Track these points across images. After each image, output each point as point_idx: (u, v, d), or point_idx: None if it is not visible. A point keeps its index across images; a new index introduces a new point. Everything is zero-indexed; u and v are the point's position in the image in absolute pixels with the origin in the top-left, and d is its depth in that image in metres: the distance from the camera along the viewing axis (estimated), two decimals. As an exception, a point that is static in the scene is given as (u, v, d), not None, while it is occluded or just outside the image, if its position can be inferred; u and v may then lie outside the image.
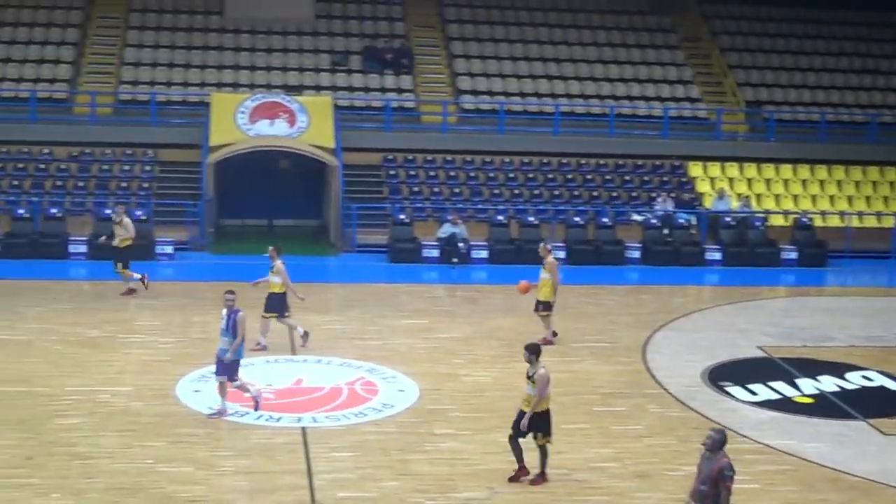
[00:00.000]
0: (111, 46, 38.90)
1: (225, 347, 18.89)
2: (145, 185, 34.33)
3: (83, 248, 30.88)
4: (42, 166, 34.60)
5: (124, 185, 34.27)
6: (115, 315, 25.24)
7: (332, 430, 18.79)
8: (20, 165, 34.57)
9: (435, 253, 31.96)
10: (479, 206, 34.73)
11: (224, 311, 18.96)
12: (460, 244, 31.66)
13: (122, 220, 27.27)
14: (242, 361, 21.20)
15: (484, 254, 32.40)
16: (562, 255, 32.62)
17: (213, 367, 21.00)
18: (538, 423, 16.50)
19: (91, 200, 33.27)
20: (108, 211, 31.87)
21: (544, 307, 24.06)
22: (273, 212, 36.26)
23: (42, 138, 35.07)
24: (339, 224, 33.44)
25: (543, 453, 16.70)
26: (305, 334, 23.31)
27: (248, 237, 34.64)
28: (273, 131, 34.06)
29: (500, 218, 33.56)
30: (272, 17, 40.09)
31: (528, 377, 16.50)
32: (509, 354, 23.12)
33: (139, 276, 27.01)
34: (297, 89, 37.24)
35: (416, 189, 35.34)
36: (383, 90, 38.37)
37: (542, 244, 24.95)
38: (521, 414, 16.51)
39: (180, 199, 33.02)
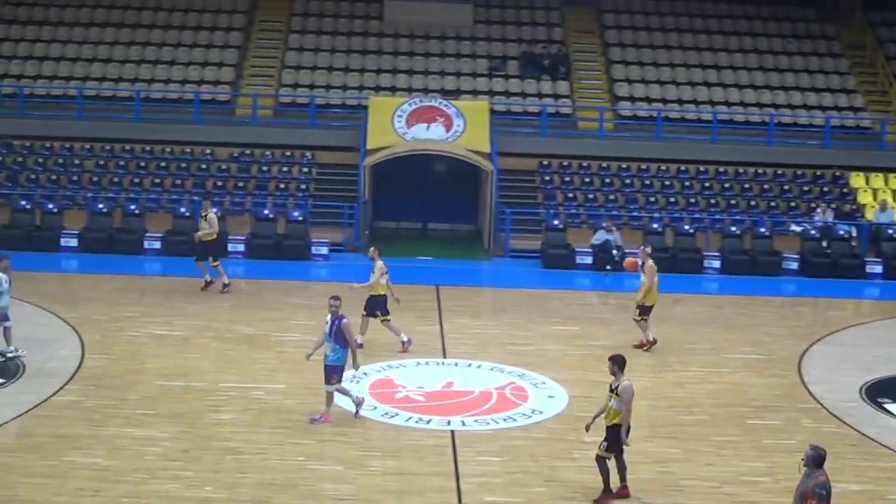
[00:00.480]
0: (273, 50, 39.62)
1: (329, 353, 18.96)
2: (303, 186, 34.87)
3: (241, 247, 31.48)
4: (203, 166, 35.42)
5: (282, 186, 34.85)
6: (271, 313, 25.65)
7: (481, 434, 18.80)
8: (183, 165, 35.46)
9: (588, 259, 31.77)
10: (634, 214, 34.43)
11: (328, 317, 19.02)
12: (614, 251, 31.41)
13: (208, 216, 27.60)
14: (393, 362, 21.42)
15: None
16: (717, 264, 32.15)
17: (365, 368, 21.30)
18: (615, 440, 16.03)
19: (250, 200, 33.91)
20: (266, 211, 32.47)
21: (641, 311, 23.90)
22: (427, 215, 36.50)
23: (204, 139, 35.90)
24: (492, 229, 33.47)
25: (603, 467, 16.14)
26: (408, 341, 23.25)
27: (402, 240, 34.92)
28: (429, 135, 34.27)
29: (655, 226, 33.20)
30: (431, 21, 40.39)
31: (612, 389, 16.05)
32: (660, 364, 22.88)
33: (209, 278, 27.42)
34: (454, 94, 37.42)
35: (570, 195, 35.19)
36: (540, 95, 38.32)
37: (641, 247, 24.94)
38: (609, 430, 16.05)
39: (336, 201, 33.44)
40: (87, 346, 22.68)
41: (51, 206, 32.34)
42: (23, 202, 32.33)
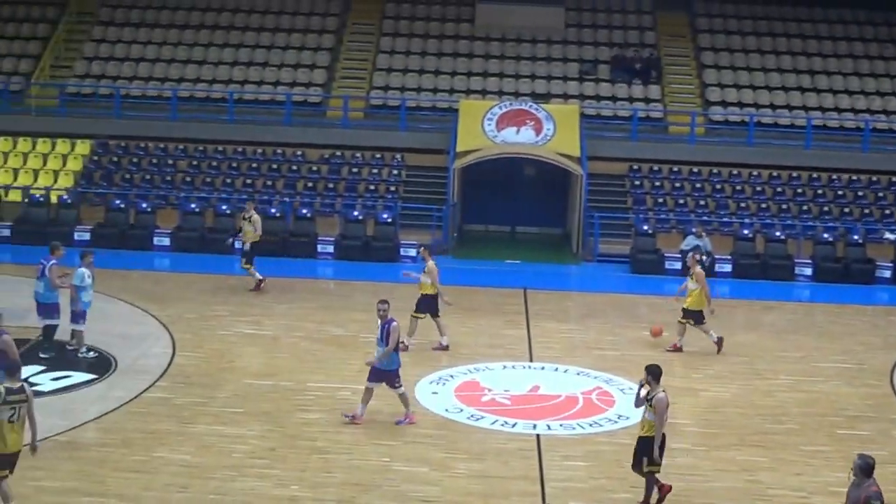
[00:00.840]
0: (365, 53, 39.85)
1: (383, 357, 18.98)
2: (392, 188, 35.03)
3: (331, 248, 31.69)
4: (294, 167, 35.73)
5: (372, 187, 35.03)
6: (360, 314, 25.74)
7: (567, 439, 18.75)
8: (274, 166, 35.79)
9: (678, 265, 31.49)
10: (725, 220, 34.09)
11: (378, 321, 19.01)
12: (704, 257, 31.10)
13: (252, 217, 27.70)
14: (479, 365, 21.44)
15: (728, 268, 31.73)
16: (808, 271, 31.72)
17: (452, 370, 21.35)
18: (648, 448, 15.78)
19: (340, 202, 34.14)
20: (355, 213, 32.66)
21: (687, 315, 23.88)
22: (516, 218, 36.46)
23: (296, 140, 36.21)
24: (581, 233, 33.36)
25: (650, 483, 15.91)
26: (446, 347, 23.29)
27: (491, 243, 34.92)
28: (519, 139, 34.24)
29: (746, 232, 32.84)
30: (522, 25, 40.35)
31: (647, 400, 15.80)
32: (750, 371, 22.66)
33: (259, 276, 27.55)
34: (544, 97, 37.36)
35: (660, 200, 34.93)
36: (631, 100, 38.10)
37: (690, 254, 24.91)
38: (641, 442, 15.85)
39: (425, 203, 33.54)
40: (178, 343, 23.00)
41: (144, 205, 32.83)
42: (117, 201, 32.85)
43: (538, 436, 18.71)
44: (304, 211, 32.66)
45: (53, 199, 33.26)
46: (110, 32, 40.16)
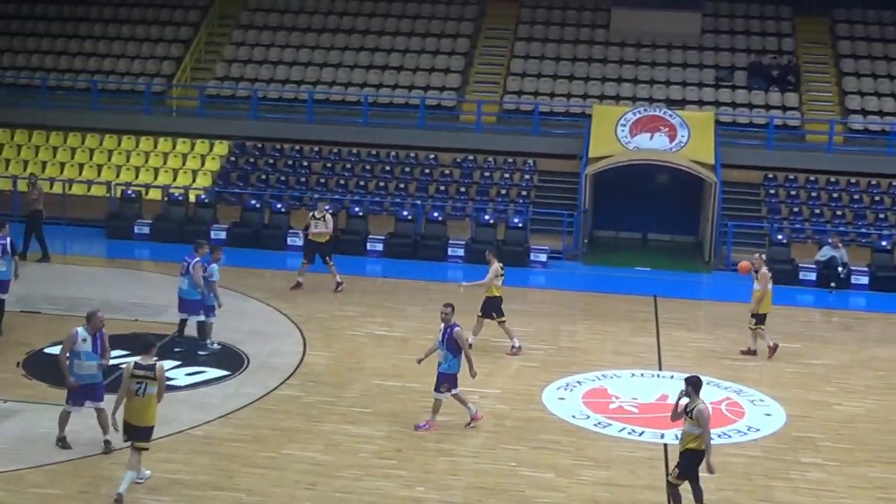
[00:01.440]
0: (499, 57, 39.93)
1: (441, 361, 18.87)
2: (523, 193, 35.03)
3: (461, 252, 31.81)
4: (426, 171, 35.97)
5: (503, 192, 35.09)
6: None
7: (695, 449, 18.53)
8: (406, 169, 36.06)
9: (812, 276, 30.93)
10: (862, 230, 33.38)
11: (441, 325, 18.96)
12: (840, 268, 30.52)
13: (325, 216, 27.77)
14: (607, 372, 21.35)
15: (864, 280, 31.01)
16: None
17: (579, 377, 21.30)
18: (688, 466, 15.36)
19: (471, 206, 34.26)
20: (486, 217, 32.73)
21: (757, 320, 23.56)
22: (647, 225, 36.17)
23: (428, 144, 36.42)
24: (714, 241, 32.95)
25: (674, 494, 15.54)
26: (519, 347, 23.25)
27: (622, 249, 34.71)
28: (652, 145, 33.96)
29: (884, 243, 32.10)
30: (658, 30, 40.04)
31: (687, 413, 15.36)
32: (886, 386, 22.15)
33: (339, 278, 27.61)
34: (679, 104, 37.01)
35: (795, 209, 34.36)
36: (767, 107, 37.54)
37: (756, 255, 24.47)
38: (685, 455, 15.39)
39: (557, 209, 33.47)
40: (309, 342, 23.30)
41: (279, 205, 33.32)
42: (253, 201, 33.41)
43: (665, 445, 18.53)
44: (436, 214, 32.82)
45: (192, 197, 33.97)
46: (250, 36, 40.89)
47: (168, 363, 21.17)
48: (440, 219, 32.75)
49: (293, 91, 38.42)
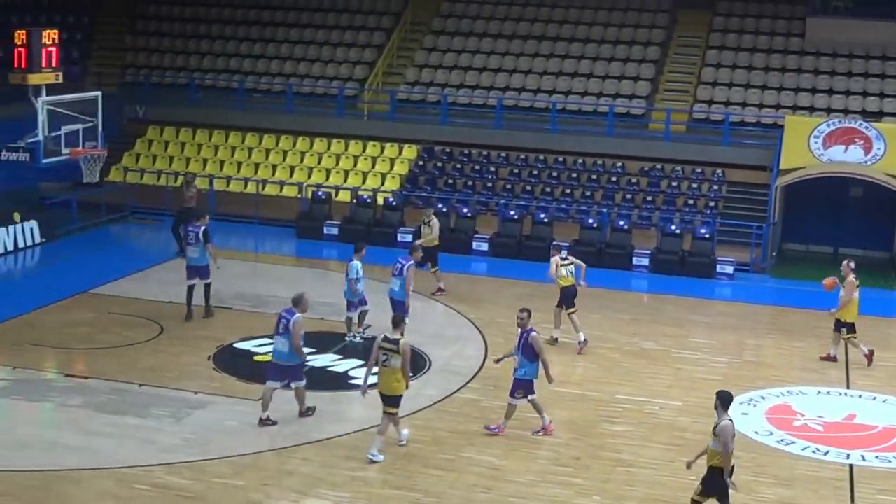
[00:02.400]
0: (690, 66, 39.47)
1: (517, 366, 18.70)
2: (711, 203, 34.54)
3: (646, 261, 31.55)
4: (613, 179, 35.78)
5: (691, 202, 34.66)
6: (672, 329, 25.59)
7: (882, 472, 18.04)
8: (593, 177, 35.94)
9: None
10: None
11: (518, 330, 18.77)
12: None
13: (431, 221, 27.71)
14: (793, 389, 20.95)
15: None
16: None
17: (764, 392, 20.95)
18: (713, 483, 14.88)
19: (657, 215, 33.95)
20: (672, 227, 32.40)
21: (848, 329, 23.30)
22: (839, 239, 35.20)
23: (616, 152, 36.25)
24: (908, 257, 31.95)
25: None
26: (584, 342, 23.67)
27: (811, 263, 33.88)
28: (846, 157, 33.08)
29: None
30: (855, 40, 38.95)
31: (714, 429, 14.90)
32: None
33: (441, 286, 27.58)
34: (875, 115, 35.96)
35: None
36: (970, 120, 36.24)
37: (844, 262, 23.97)
38: (709, 472, 14.95)
39: (745, 220, 32.91)
40: (490, 347, 23.45)
41: (465, 210, 33.58)
42: (440, 205, 33.75)
43: (851, 466, 18.09)
44: (621, 223, 32.62)
45: (380, 200, 34.50)
46: (441, 41, 41.33)
47: (353, 362, 21.62)
48: (625, 227, 32.53)
49: (482, 97, 38.68)
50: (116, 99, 38.36)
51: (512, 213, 33.24)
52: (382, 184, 36.28)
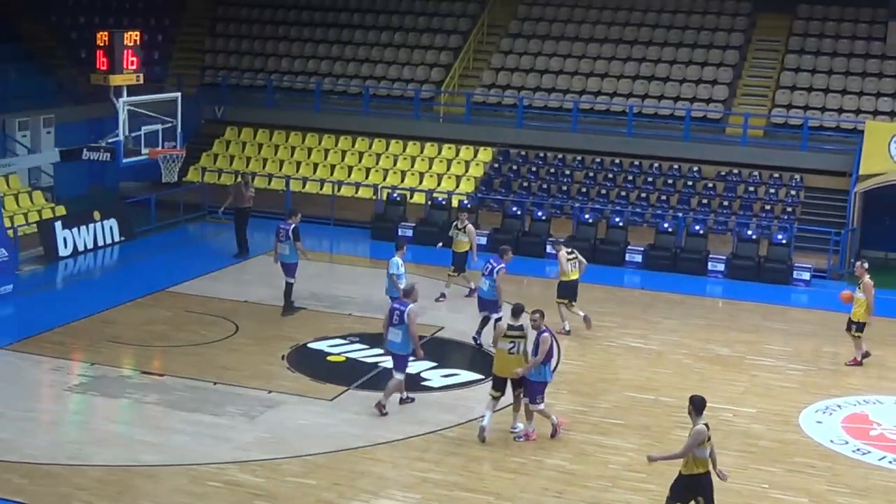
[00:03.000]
0: (769, 70, 39.08)
1: (532, 369, 18.51)
2: (788, 209, 34.18)
3: (721, 267, 31.28)
4: (689, 184, 35.54)
5: (768, 207, 34.33)
6: (747, 335, 25.36)
7: (960, 483, 17.76)
8: (669, 181, 35.72)
9: None
10: None
11: (532, 332, 18.63)
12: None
13: (467, 228, 27.53)
14: (870, 398, 20.70)
15: None
16: None
17: (840, 400, 20.74)
18: (682, 489, 14.73)
19: (734, 220, 33.67)
20: (749, 232, 32.11)
21: (857, 328, 23.28)
22: (920, 247, 34.69)
23: (693, 156, 35.99)
24: None
25: None
26: (586, 319, 24.73)
27: (891, 270, 33.40)
28: (928, 164, 32.60)
29: None
30: (940, 44, 38.39)
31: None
32: None
33: (472, 286, 27.21)
34: (960, 120, 35.43)
35: None
36: None
37: (857, 263, 24.24)
38: (677, 478, 14.87)
39: (823, 226, 32.53)
40: (564, 351, 23.39)
41: (540, 213, 33.52)
42: (514, 208, 33.71)
43: (928, 477, 17.83)
44: (697, 228, 32.37)
45: (454, 202, 34.53)
46: (518, 44, 41.29)
47: (425, 364, 21.68)
48: (701, 232, 32.27)
49: (558, 100, 38.60)
50: (196, 100, 38.82)
51: (587, 216, 33.13)
52: (457, 186, 36.34)
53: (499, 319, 21.28)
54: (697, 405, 14.78)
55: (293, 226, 24.90)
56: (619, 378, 22.00)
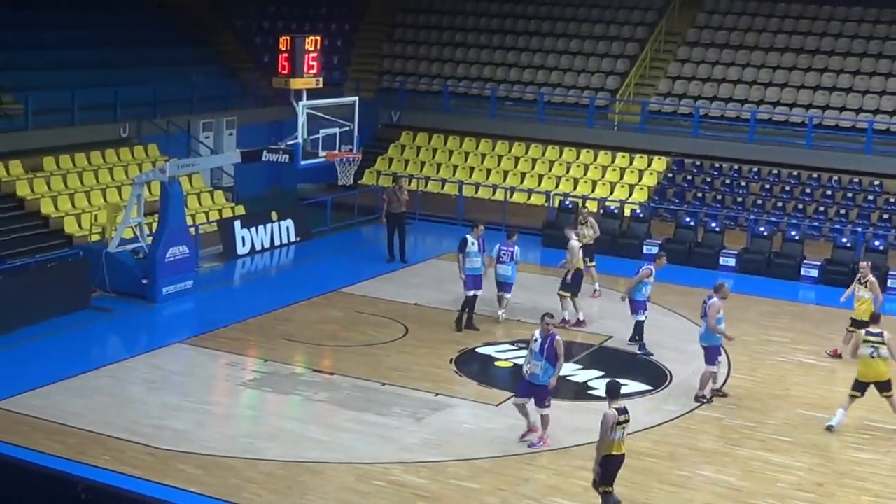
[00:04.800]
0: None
1: (535, 371, 18.06)
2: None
3: (814, 273, 30.53)
4: (870, 198, 34.61)
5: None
6: None
7: None
8: (849, 195, 34.79)
9: None
10: None
11: (536, 333, 18.17)
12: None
13: (589, 221, 27.82)
14: None
15: None
16: None
17: None
18: (605, 473, 15.36)
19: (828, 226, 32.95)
20: (843, 239, 31.21)
21: (856, 325, 22.95)
22: None
23: (875, 170, 34.99)
24: None
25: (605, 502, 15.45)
26: (564, 322, 24.65)
27: None
28: None
29: None
30: None
31: None
32: None
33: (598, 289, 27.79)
34: None
35: None
36: None
37: (863, 263, 24.62)
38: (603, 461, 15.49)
39: None
40: (734, 365, 23.02)
41: (713, 224, 33.04)
42: (687, 219, 33.32)
43: None
44: (877, 243, 31.48)
45: (626, 211, 34.31)
46: (695, 53, 40.82)
47: (592, 373, 21.61)
48: (881, 248, 31.38)
49: (736, 109, 38.02)
50: (373, 104, 39.42)
51: (762, 229, 32.54)
52: (630, 195, 36.10)
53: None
54: (610, 391, 15.54)
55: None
56: (790, 395, 21.57)
